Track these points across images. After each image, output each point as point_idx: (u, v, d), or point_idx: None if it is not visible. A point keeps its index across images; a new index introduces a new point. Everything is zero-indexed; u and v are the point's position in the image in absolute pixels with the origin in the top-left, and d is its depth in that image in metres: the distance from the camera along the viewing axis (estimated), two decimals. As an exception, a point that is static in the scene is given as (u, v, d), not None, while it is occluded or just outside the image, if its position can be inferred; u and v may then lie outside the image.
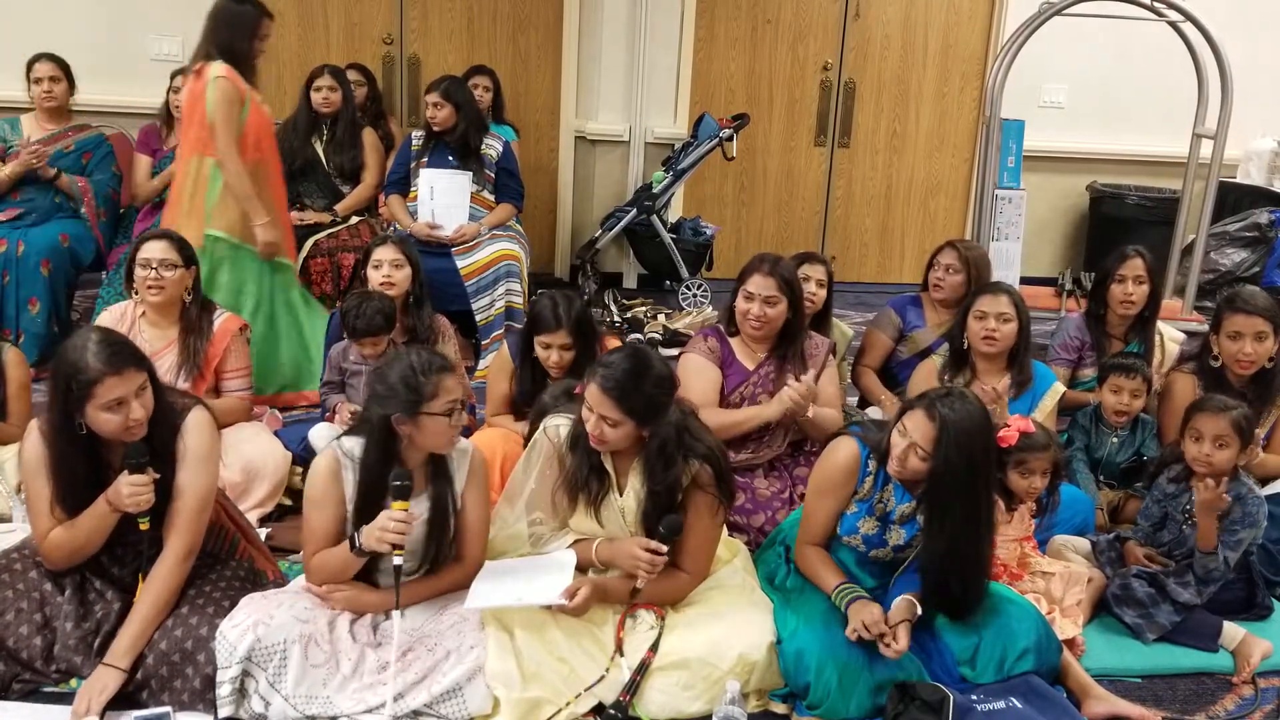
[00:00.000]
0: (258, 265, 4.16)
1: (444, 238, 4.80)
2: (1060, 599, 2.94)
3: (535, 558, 2.73)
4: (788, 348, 3.45)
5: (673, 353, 4.50)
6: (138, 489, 2.42)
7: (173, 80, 4.90)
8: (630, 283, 6.48)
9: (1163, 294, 4.20)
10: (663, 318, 5.59)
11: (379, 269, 3.74)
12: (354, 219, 5.03)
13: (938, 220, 6.87)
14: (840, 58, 6.55)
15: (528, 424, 3.36)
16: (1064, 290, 5.50)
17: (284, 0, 5.98)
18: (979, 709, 2.53)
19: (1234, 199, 6.42)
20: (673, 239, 5.88)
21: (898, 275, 6.91)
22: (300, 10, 6.03)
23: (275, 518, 3.41)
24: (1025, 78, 5.81)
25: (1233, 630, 2.95)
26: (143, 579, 2.50)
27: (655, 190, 5.81)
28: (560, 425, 2.74)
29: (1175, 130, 5.98)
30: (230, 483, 3.27)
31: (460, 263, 4.79)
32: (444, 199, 4.87)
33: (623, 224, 5.84)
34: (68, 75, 4.79)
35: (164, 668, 2.43)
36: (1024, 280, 5.57)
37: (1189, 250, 5.71)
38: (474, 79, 5.48)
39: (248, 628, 2.41)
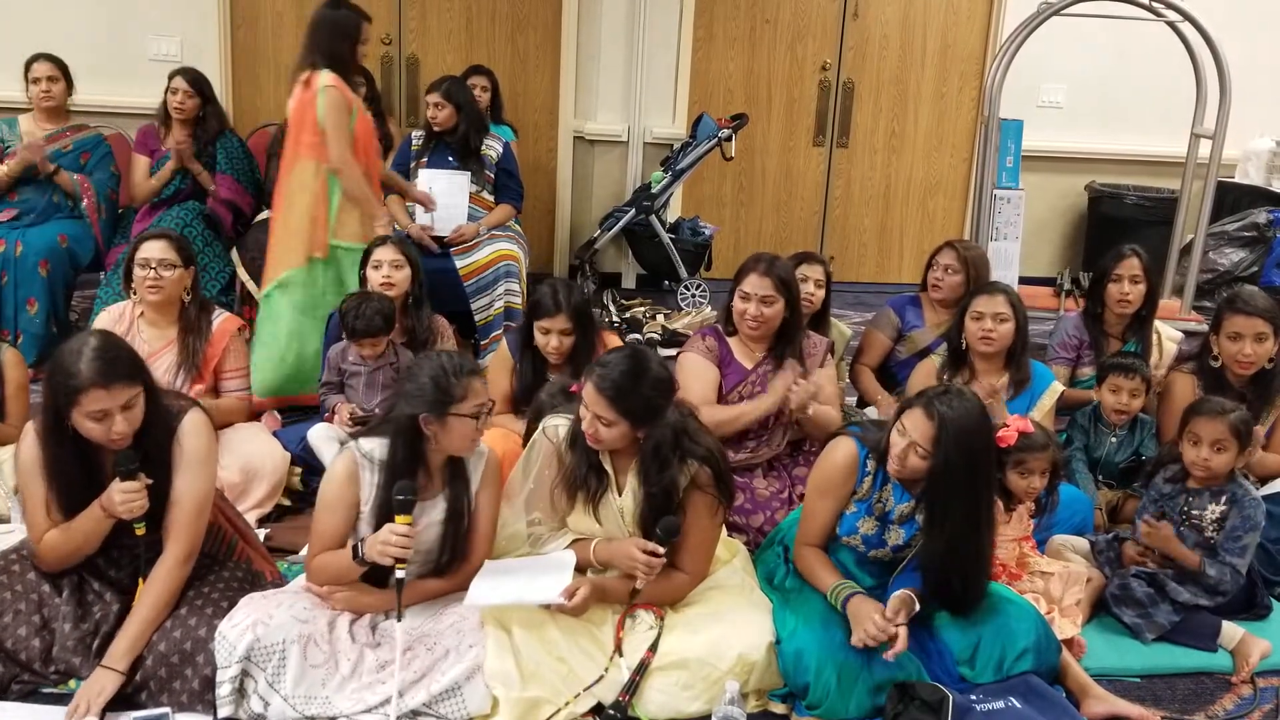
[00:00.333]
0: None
1: (433, 244, 4.79)
2: (1059, 599, 2.94)
3: (535, 557, 2.73)
4: (786, 347, 3.45)
5: (671, 353, 4.51)
6: (130, 496, 2.41)
7: (171, 80, 4.89)
8: (629, 283, 6.48)
9: (1160, 293, 4.20)
10: (661, 318, 5.59)
11: (379, 269, 3.74)
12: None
13: (936, 220, 6.87)
14: (839, 58, 6.55)
15: (525, 422, 3.38)
16: (1062, 290, 5.51)
17: (284, 1, 6.00)
18: (978, 709, 2.53)
19: (1232, 199, 6.42)
20: (671, 239, 5.88)
21: (896, 275, 6.91)
22: (299, 10, 6.01)
23: (274, 518, 3.41)
24: (1024, 78, 5.81)
25: (1232, 630, 2.95)
26: (142, 582, 2.50)
27: (654, 190, 5.81)
28: (559, 425, 2.74)
29: (1174, 130, 5.98)
30: (229, 483, 3.27)
31: (459, 263, 4.78)
32: (443, 199, 4.86)
33: (621, 224, 5.84)
34: (66, 75, 4.78)
35: (163, 669, 2.42)
36: (1022, 280, 5.56)
37: (1187, 250, 5.71)
38: (472, 79, 5.46)
39: (247, 627, 2.42)
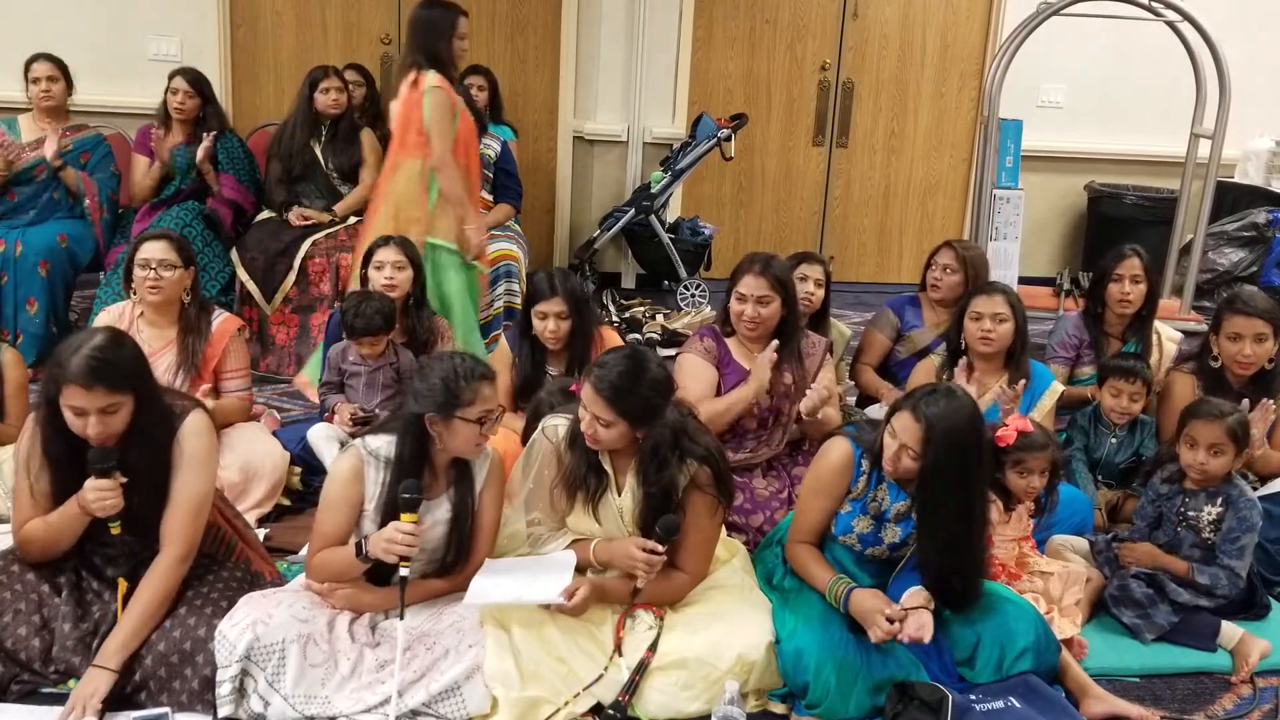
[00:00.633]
0: (465, 272, 4.27)
1: None
2: (1059, 599, 2.95)
3: (535, 557, 2.73)
4: (784, 347, 3.45)
5: (671, 353, 4.51)
6: (102, 493, 2.40)
7: (171, 80, 4.89)
8: (629, 283, 6.48)
9: (1160, 293, 4.19)
10: (661, 318, 5.59)
11: (381, 270, 3.73)
12: (352, 219, 5.03)
13: (936, 220, 6.87)
14: (838, 57, 6.55)
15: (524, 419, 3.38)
16: (1062, 290, 5.51)
17: (282, 1, 6.00)
18: (978, 709, 2.53)
19: (1232, 199, 6.42)
20: (671, 239, 5.88)
21: (896, 275, 6.90)
22: (298, 10, 6.03)
23: (274, 518, 3.41)
24: (1023, 77, 5.81)
25: (1231, 630, 2.95)
26: (122, 583, 2.49)
27: (654, 190, 5.81)
28: (559, 425, 2.74)
29: (1173, 130, 5.98)
30: (228, 483, 3.27)
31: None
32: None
33: (621, 224, 5.84)
34: (65, 75, 4.77)
35: (162, 669, 2.42)
36: (1022, 280, 5.56)
37: (1187, 250, 5.71)
38: (470, 78, 5.47)
39: (246, 626, 2.42)
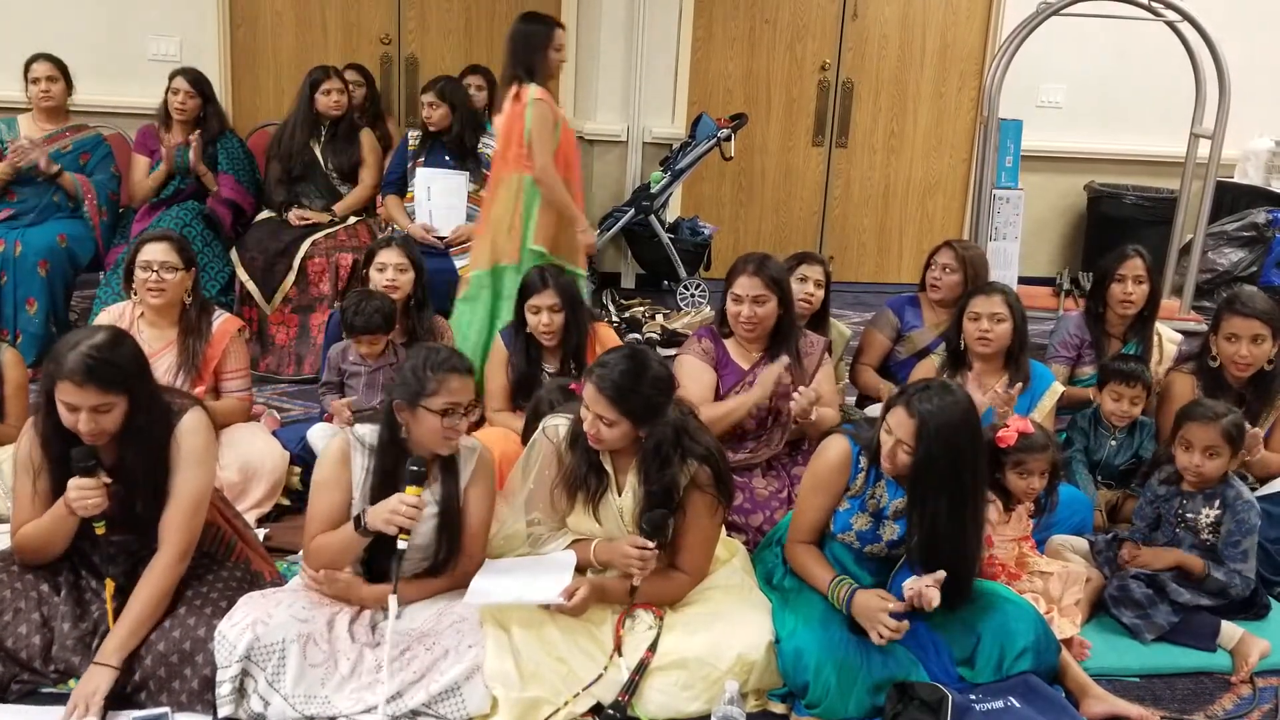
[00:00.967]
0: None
1: (439, 241, 4.79)
2: (1059, 599, 2.95)
3: (536, 557, 2.73)
4: (781, 346, 3.45)
5: (670, 352, 4.51)
6: (84, 492, 2.39)
7: (171, 81, 4.89)
8: (628, 283, 6.48)
9: (1161, 294, 4.19)
10: (661, 318, 5.59)
11: (384, 271, 3.72)
12: (352, 219, 5.03)
13: (935, 220, 6.87)
14: (838, 57, 6.55)
15: (524, 417, 3.38)
16: (1062, 290, 5.51)
17: (282, 1, 5.99)
18: (977, 708, 2.53)
19: (1231, 199, 6.42)
20: (671, 239, 5.88)
21: (895, 275, 6.90)
22: (298, 10, 6.03)
23: (273, 518, 3.41)
24: (1023, 77, 5.81)
25: (1231, 630, 2.95)
26: (109, 583, 2.49)
27: (653, 190, 5.81)
28: (559, 425, 2.74)
29: (1173, 130, 5.98)
30: (228, 482, 3.27)
31: (458, 263, 4.77)
32: (441, 199, 4.86)
33: (621, 224, 5.83)
34: (65, 75, 4.77)
35: (162, 669, 2.42)
36: (1022, 280, 5.56)
37: (1187, 250, 5.72)
38: (468, 78, 5.46)
39: (246, 626, 2.42)
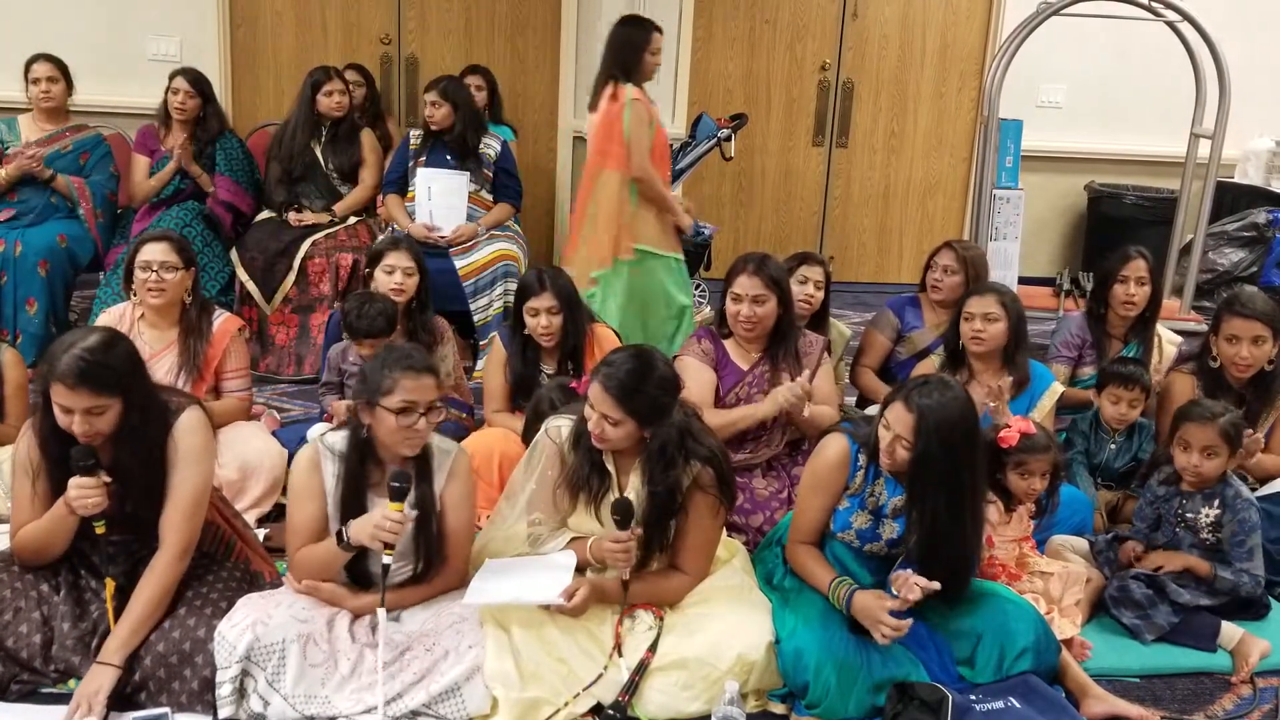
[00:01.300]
0: (674, 268, 4.44)
1: (441, 239, 4.79)
2: (1059, 599, 2.94)
3: (535, 557, 2.73)
4: (781, 346, 3.45)
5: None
6: (84, 491, 2.39)
7: (171, 81, 4.89)
8: (628, 282, 6.47)
9: (1163, 295, 4.19)
10: (661, 318, 5.58)
11: (392, 274, 3.70)
12: (352, 219, 5.03)
13: (936, 220, 6.87)
14: (838, 57, 6.55)
15: (523, 416, 3.38)
16: (1062, 290, 5.51)
17: (282, 1, 5.99)
18: (977, 709, 2.53)
19: (1232, 199, 6.42)
20: (671, 239, 5.87)
21: (896, 275, 6.90)
22: (298, 10, 6.02)
23: (273, 518, 3.41)
24: (1023, 78, 5.81)
25: (1231, 630, 2.95)
26: (109, 583, 2.49)
27: (653, 190, 5.80)
28: (562, 426, 2.74)
29: (1173, 130, 5.98)
30: (227, 481, 3.27)
31: (458, 263, 4.78)
32: (441, 199, 4.86)
33: (621, 224, 5.82)
34: (65, 76, 4.77)
35: (161, 670, 2.42)
36: (1022, 280, 5.56)
37: (1187, 250, 5.72)
38: (468, 78, 5.46)
39: (246, 627, 2.42)
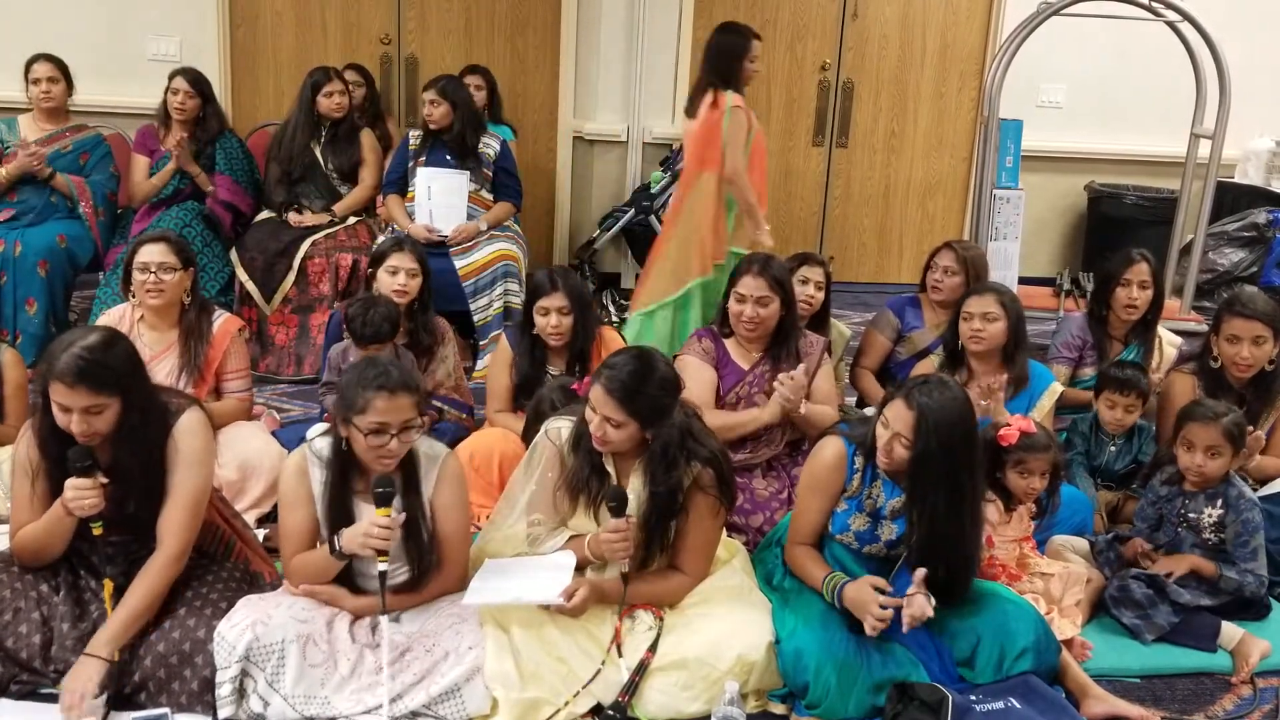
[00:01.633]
0: None
1: (442, 237, 4.79)
2: (1059, 599, 2.94)
3: (535, 557, 2.73)
4: (782, 347, 3.45)
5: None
6: (81, 493, 2.39)
7: (171, 81, 4.89)
8: (628, 283, 6.45)
9: (1165, 297, 4.18)
10: (661, 318, 5.58)
11: (395, 275, 3.69)
12: (352, 220, 5.03)
13: (936, 220, 6.86)
14: (838, 57, 6.54)
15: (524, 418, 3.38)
16: (1062, 290, 5.51)
17: (282, 1, 5.99)
18: (978, 709, 2.53)
19: (1232, 199, 6.42)
20: (671, 239, 5.87)
21: (896, 275, 6.89)
22: (298, 10, 6.02)
23: (272, 519, 3.40)
24: (1023, 77, 5.81)
25: (1231, 630, 2.95)
26: (108, 584, 2.49)
27: (653, 190, 5.80)
28: (562, 427, 2.74)
29: (1173, 130, 5.97)
30: (227, 481, 3.27)
31: (458, 263, 4.78)
32: (441, 199, 4.86)
33: (621, 224, 5.83)
34: (66, 76, 4.77)
35: (161, 670, 2.43)
36: (1022, 280, 5.56)
37: (1187, 250, 5.71)
38: (467, 78, 5.46)
39: (246, 627, 2.42)
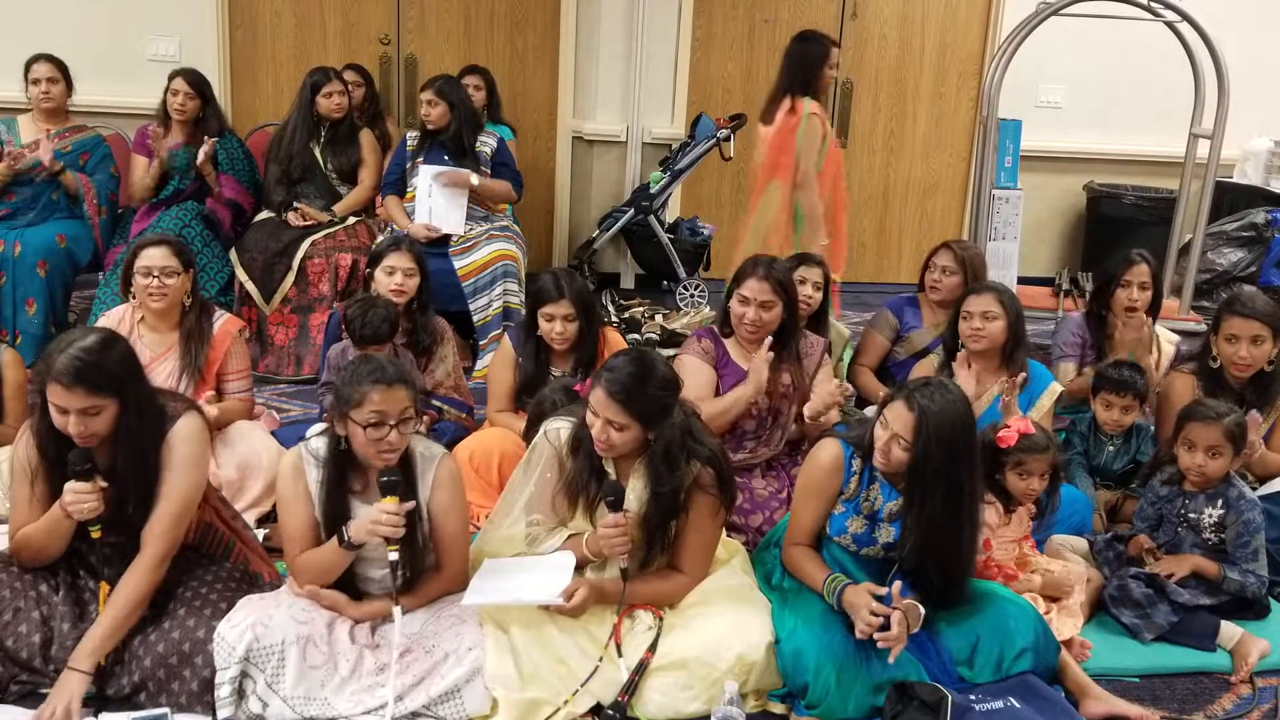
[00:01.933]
0: None
1: (444, 233, 4.80)
2: (1069, 588, 2.96)
3: (535, 557, 2.73)
4: (783, 348, 3.45)
5: (670, 352, 4.51)
6: (79, 496, 2.39)
7: (171, 81, 4.88)
8: (628, 283, 6.47)
9: (1163, 297, 4.19)
10: (660, 318, 5.58)
11: (392, 275, 3.70)
12: (351, 220, 5.03)
13: (935, 220, 6.87)
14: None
15: (525, 418, 3.37)
16: (1061, 290, 5.52)
17: (281, 1, 5.99)
18: (977, 709, 2.53)
19: (1231, 199, 6.42)
20: (670, 239, 5.87)
21: (895, 275, 6.90)
22: (297, 10, 6.03)
23: (272, 519, 3.40)
24: (1022, 78, 5.82)
25: (1230, 630, 2.96)
26: (105, 586, 2.49)
27: (652, 190, 5.81)
28: (561, 428, 2.73)
29: (1172, 130, 5.98)
30: (226, 480, 3.27)
31: (458, 263, 4.79)
32: (442, 197, 4.87)
33: (620, 224, 5.83)
34: (65, 76, 4.76)
35: (161, 670, 2.43)
36: (1021, 280, 5.56)
37: (1186, 250, 5.72)
38: (466, 78, 5.47)
39: (246, 628, 2.42)
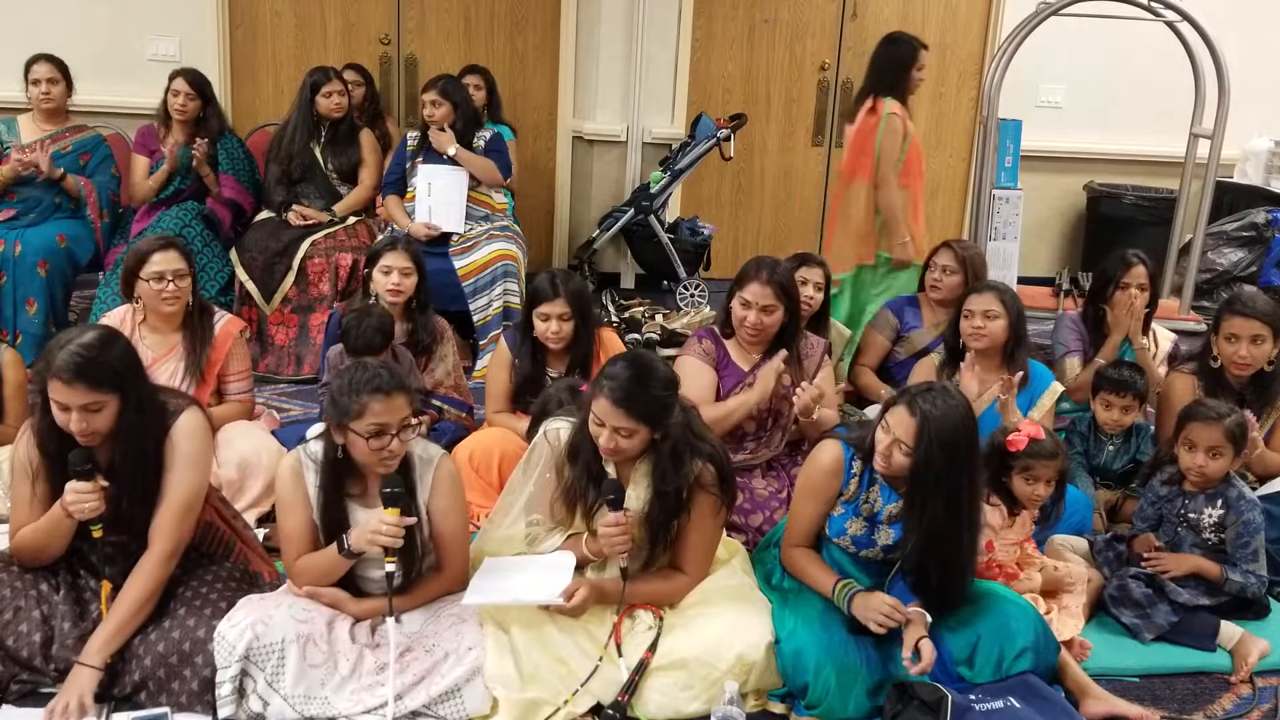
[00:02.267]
0: (905, 277, 4.64)
1: (443, 231, 4.81)
2: (1071, 585, 2.96)
3: (535, 557, 2.73)
4: (784, 349, 3.45)
5: (670, 353, 4.51)
6: (80, 496, 2.40)
7: (171, 82, 4.88)
8: (628, 283, 6.47)
9: (1160, 297, 4.19)
10: (660, 318, 5.58)
11: (389, 275, 3.70)
12: (351, 219, 5.03)
13: (935, 220, 6.84)
14: (838, 57, 6.55)
15: (529, 418, 3.37)
16: (1061, 290, 5.52)
17: (282, 1, 5.99)
18: (977, 709, 2.53)
19: (1231, 199, 6.42)
20: (670, 239, 5.87)
21: (895, 275, 6.89)
22: (297, 10, 6.02)
23: (272, 518, 3.40)
24: (1022, 77, 5.81)
25: (1230, 630, 2.96)
26: (106, 585, 2.49)
27: (653, 190, 5.80)
28: (561, 429, 2.73)
29: (1172, 130, 5.98)
30: (226, 480, 3.27)
31: (457, 263, 4.79)
32: (442, 196, 4.87)
33: (620, 224, 5.83)
34: (66, 76, 4.76)
35: (161, 670, 2.43)
36: (1021, 280, 5.56)
37: (1186, 250, 5.72)
38: (466, 78, 5.47)
39: (246, 627, 2.42)
